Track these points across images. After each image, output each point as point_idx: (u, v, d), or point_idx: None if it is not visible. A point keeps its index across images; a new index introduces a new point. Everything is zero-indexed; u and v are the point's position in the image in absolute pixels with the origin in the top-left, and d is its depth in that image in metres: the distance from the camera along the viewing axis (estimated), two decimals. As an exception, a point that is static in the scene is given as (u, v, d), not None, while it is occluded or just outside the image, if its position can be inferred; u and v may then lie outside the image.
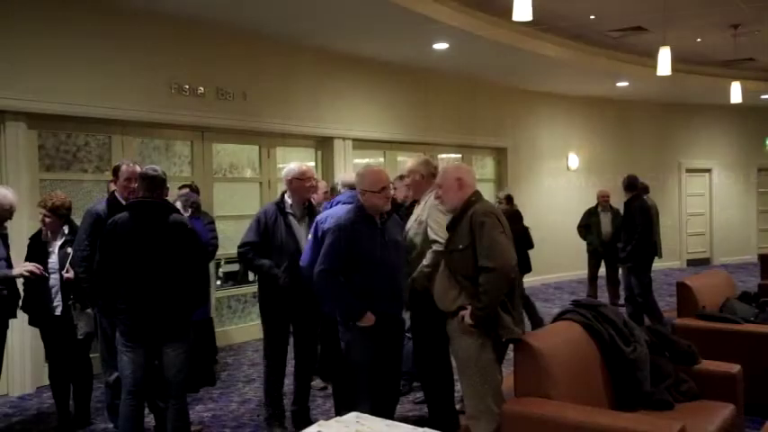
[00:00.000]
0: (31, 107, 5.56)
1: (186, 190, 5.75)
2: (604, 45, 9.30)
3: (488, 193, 9.57)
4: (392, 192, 4.77)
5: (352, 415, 2.57)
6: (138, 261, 3.61)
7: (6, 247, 4.39)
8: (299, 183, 4.31)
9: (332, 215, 3.99)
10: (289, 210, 4.24)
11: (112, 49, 6.10)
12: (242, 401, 5.15)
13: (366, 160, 8.51)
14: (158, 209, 3.70)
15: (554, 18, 7.82)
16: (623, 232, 7.26)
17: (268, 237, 4.18)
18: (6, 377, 5.22)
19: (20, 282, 4.42)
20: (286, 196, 4.36)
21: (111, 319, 3.98)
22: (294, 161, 4.60)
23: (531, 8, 5.30)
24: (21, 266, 4.22)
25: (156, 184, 3.73)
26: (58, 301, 4.35)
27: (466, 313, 3.34)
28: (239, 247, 4.30)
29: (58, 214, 4.37)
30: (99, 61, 6.00)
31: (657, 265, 9.12)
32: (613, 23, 8.31)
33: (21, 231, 5.12)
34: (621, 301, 8.95)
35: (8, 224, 4.74)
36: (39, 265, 4.23)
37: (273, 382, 4.36)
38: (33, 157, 5.78)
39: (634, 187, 7.41)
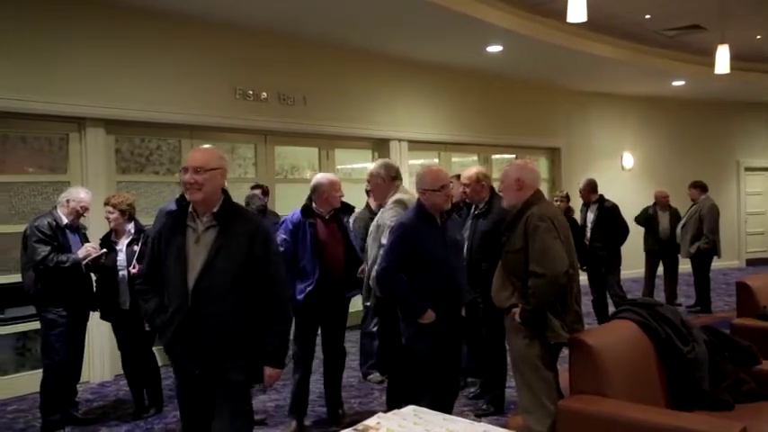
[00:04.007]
0: (108, 114, 5.90)
1: (257, 191, 6.01)
2: (660, 44, 9.18)
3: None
4: (458, 191, 4.89)
5: (410, 408, 2.58)
6: None
7: (86, 242, 4.67)
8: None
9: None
10: (189, 222, 2.83)
11: (182, 59, 6.41)
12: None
13: (421, 161, 8.65)
14: None
15: (608, 18, 7.79)
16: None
17: (159, 263, 2.86)
18: (87, 366, 5.55)
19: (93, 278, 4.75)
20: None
21: None
22: (356, 162, 4.55)
23: (585, 9, 5.33)
24: (83, 249, 4.51)
25: None
26: (126, 296, 4.61)
27: (516, 311, 3.39)
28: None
29: (120, 209, 4.64)
30: (169, 70, 6.31)
31: (716, 264, 9.01)
32: (669, 22, 8.21)
33: (98, 231, 5.43)
34: (679, 300, 8.90)
35: (87, 224, 5.09)
36: (94, 245, 4.54)
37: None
38: (111, 161, 6.13)
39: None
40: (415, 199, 4.15)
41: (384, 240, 3.98)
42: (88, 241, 4.72)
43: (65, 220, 4.53)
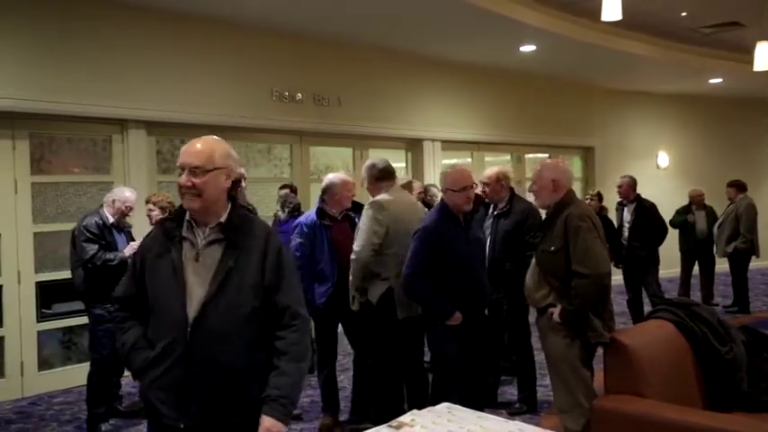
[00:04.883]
0: (149, 116, 6.09)
1: (287, 191, 6.11)
2: (697, 42, 9.04)
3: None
4: (477, 190, 4.86)
5: (444, 405, 2.58)
6: None
7: (132, 241, 4.81)
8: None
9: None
10: (186, 233, 2.18)
11: (219, 61, 6.56)
12: (338, 388, 5.37)
13: (454, 161, 8.68)
14: None
15: (643, 16, 7.70)
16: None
17: (142, 284, 2.22)
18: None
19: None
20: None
21: None
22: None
23: (620, 7, 5.30)
24: (129, 247, 4.63)
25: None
26: None
27: (555, 311, 3.37)
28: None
29: (160, 207, 4.80)
30: (207, 73, 6.46)
31: (755, 264, 8.87)
32: (706, 19, 8.09)
33: (140, 229, 5.59)
34: (716, 300, 8.79)
35: (133, 222, 5.24)
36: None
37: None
38: (152, 161, 6.31)
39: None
40: (398, 198, 4.14)
41: (355, 246, 3.99)
42: (133, 239, 4.85)
43: (111, 219, 4.67)
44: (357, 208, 4.63)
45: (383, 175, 4.19)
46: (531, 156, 10.09)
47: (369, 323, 4.19)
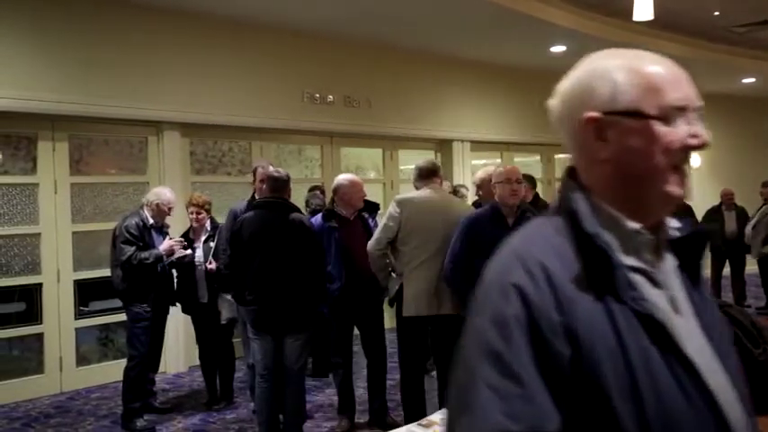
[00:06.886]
0: (183, 118, 6.19)
1: (314, 192, 6.18)
2: (730, 41, 8.94)
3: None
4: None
5: None
6: (261, 256, 3.84)
7: None
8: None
9: None
10: (630, 258, 1.01)
11: (252, 64, 6.65)
12: (364, 387, 5.34)
13: (483, 161, 8.68)
14: (280, 208, 3.94)
15: (676, 16, 7.63)
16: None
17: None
18: (163, 357, 5.82)
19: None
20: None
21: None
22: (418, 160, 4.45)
23: (652, 7, 5.26)
24: (164, 244, 4.70)
25: (279, 185, 3.98)
26: (203, 291, 4.84)
27: None
28: None
29: (205, 209, 4.90)
30: (240, 75, 6.55)
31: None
32: (739, 18, 8.00)
33: (174, 229, 5.69)
34: (748, 301, 8.66)
35: (169, 222, 5.34)
36: (180, 240, 4.74)
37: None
38: (186, 162, 6.42)
39: None
40: (425, 196, 4.15)
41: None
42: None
43: (151, 221, 4.75)
44: (371, 207, 4.64)
45: (421, 175, 4.24)
46: (561, 156, 10.03)
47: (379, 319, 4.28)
